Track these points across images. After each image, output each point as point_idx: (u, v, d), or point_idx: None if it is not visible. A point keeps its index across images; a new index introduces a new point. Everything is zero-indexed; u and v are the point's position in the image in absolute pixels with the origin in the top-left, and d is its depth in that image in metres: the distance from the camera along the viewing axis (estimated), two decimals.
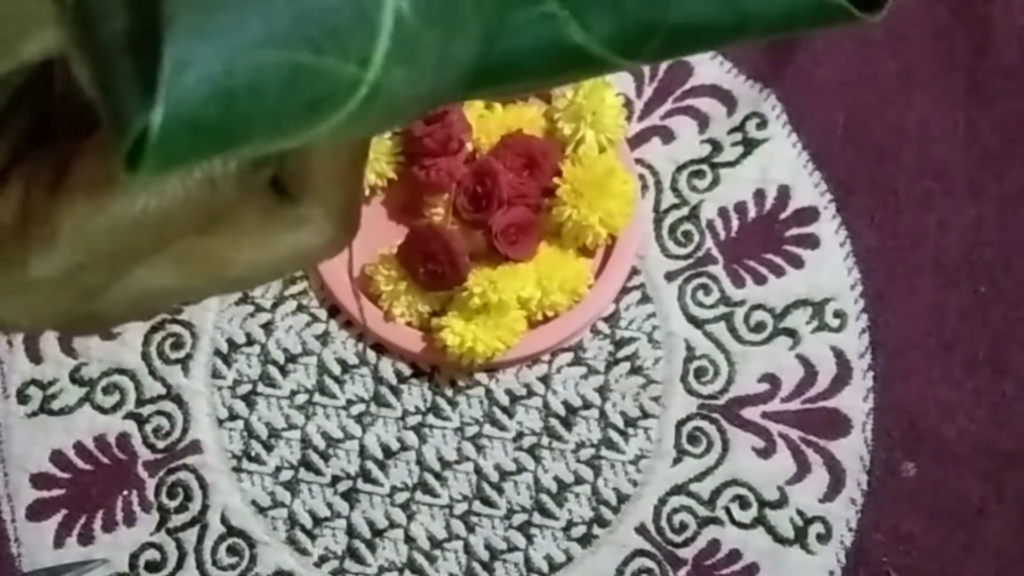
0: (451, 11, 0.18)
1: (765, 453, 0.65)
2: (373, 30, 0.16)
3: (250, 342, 0.69)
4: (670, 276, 0.69)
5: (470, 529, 0.65)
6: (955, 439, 0.65)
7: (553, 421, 0.66)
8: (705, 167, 0.70)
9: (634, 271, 0.68)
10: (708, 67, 0.72)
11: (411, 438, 0.67)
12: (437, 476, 0.66)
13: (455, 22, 0.18)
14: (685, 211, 0.70)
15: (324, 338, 0.69)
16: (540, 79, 0.21)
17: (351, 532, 0.65)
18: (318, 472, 0.66)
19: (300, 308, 0.69)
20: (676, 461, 0.66)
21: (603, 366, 0.67)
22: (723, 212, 0.70)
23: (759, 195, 0.70)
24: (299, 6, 0.16)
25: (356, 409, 0.67)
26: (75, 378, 0.68)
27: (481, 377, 0.67)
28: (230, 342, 0.69)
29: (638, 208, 0.68)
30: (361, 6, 0.16)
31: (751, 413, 0.66)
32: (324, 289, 0.68)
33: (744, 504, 0.65)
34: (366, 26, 0.16)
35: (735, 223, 0.69)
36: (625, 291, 0.68)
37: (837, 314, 0.67)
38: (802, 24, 0.21)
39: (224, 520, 0.66)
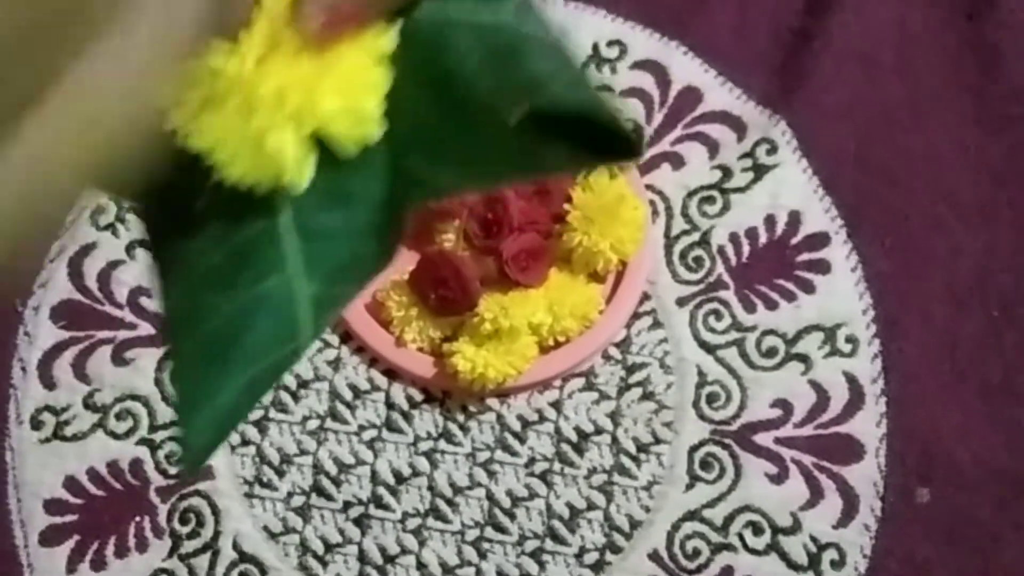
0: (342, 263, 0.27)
1: (778, 479, 0.65)
2: (298, 330, 0.26)
3: None
4: (681, 302, 0.69)
5: (482, 555, 0.65)
6: (969, 465, 0.64)
7: (565, 447, 0.66)
8: (715, 193, 0.70)
9: (645, 297, 0.68)
10: (718, 93, 0.72)
11: (423, 464, 0.67)
12: (449, 502, 0.66)
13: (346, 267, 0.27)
14: (696, 237, 0.70)
15: (336, 364, 0.69)
16: None
17: (363, 558, 0.65)
18: (330, 498, 0.66)
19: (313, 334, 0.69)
20: (689, 487, 0.65)
21: (615, 392, 0.67)
22: (734, 238, 0.70)
23: (770, 220, 0.70)
24: (253, 367, 0.26)
25: (368, 435, 0.67)
26: (88, 404, 0.69)
27: (492, 403, 0.67)
28: None
29: (649, 234, 0.68)
30: (289, 323, 0.26)
31: (763, 439, 0.66)
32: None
33: (757, 530, 0.64)
34: (293, 329, 0.26)
35: (746, 249, 0.69)
36: (636, 317, 0.68)
37: (849, 339, 0.67)
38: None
39: (236, 546, 0.66)
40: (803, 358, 0.67)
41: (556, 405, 0.67)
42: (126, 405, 0.69)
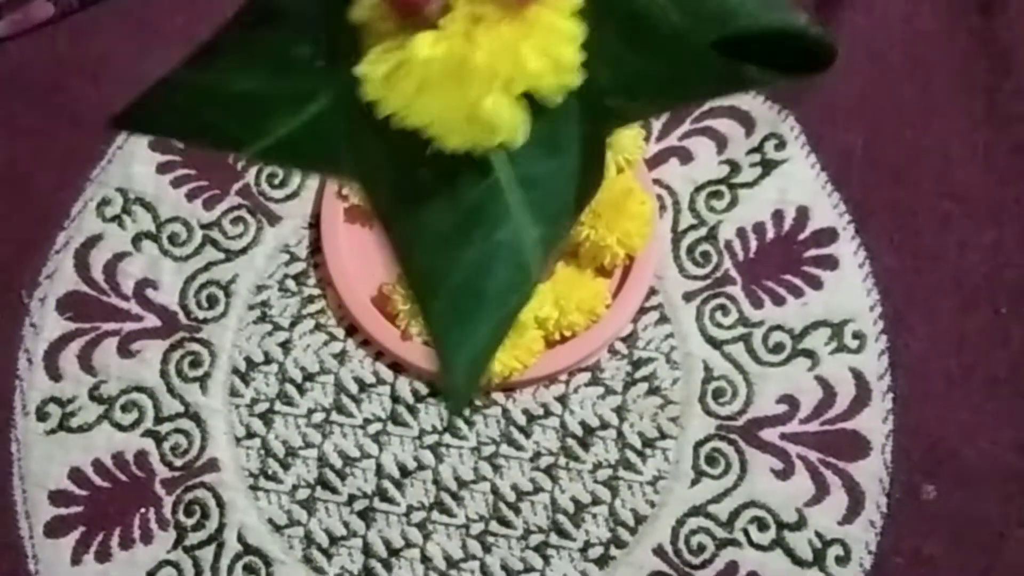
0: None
1: (784, 475, 0.65)
2: (530, 270, 0.30)
3: (268, 361, 0.69)
4: (688, 296, 0.68)
5: (487, 549, 0.65)
6: (975, 461, 0.64)
7: (570, 441, 0.66)
8: (723, 188, 0.70)
9: (652, 291, 0.68)
10: None
11: (428, 457, 0.67)
12: (454, 496, 0.66)
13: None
14: (703, 231, 0.70)
15: (341, 357, 0.69)
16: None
17: (367, 551, 0.65)
18: (335, 491, 0.66)
19: (318, 327, 0.69)
20: (694, 482, 0.65)
21: (621, 386, 0.67)
22: (741, 233, 0.69)
23: (777, 216, 0.70)
24: (499, 311, 0.30)
25: (373, 428, 0.67)
26: (94, 396, 0.69)
27: (498, 397, 0.67)
28: (248, 360, 0.69)
29: (656, 228, 0.68)
30: (523, 267, 0.29)
31: (769, 434, 0.66)
32: (342, 308, 0.68)
33: (762, 526, 0.64)
34: (527, 272, 0.30)
35: (753, 244, 0.69)
36: (643, 311, 0.68)
37: (856, 335, 0.67)
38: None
39: (241, 538, 0.66)
40: (810, 354, 0.67)
41: (562, 399, 0.67)
42: (131, 397, 0.69)
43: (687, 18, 0.27)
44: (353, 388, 0.68)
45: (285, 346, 0.69)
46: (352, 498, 0.66)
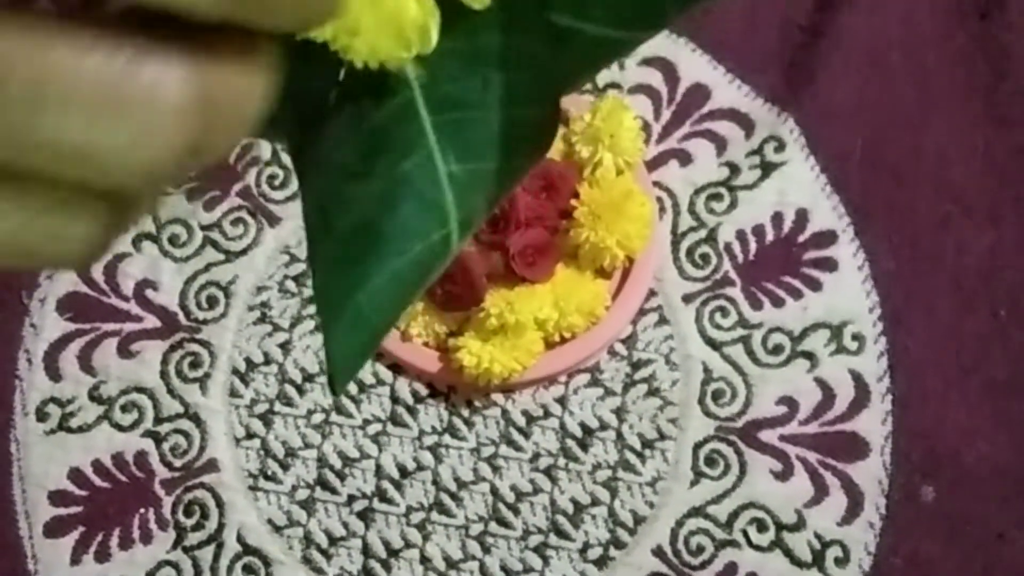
0: (480, 141, 0.24)
1: (783, 476, 0.65)
2: (444, 212, 0.23)
3: (268, 361, 0.69)
4: (688, 298, 0.69)
5: (486, 550, 0.65)
6: (974, 463, 0.64)
7: (570, 442, 0.66)
8: (723, 190, 0.70)
9: (651, 293, 0.68)
10: (726, 90, 0.72)
11: (427, 458, 0.67)
12: (453, 496, 0.66)
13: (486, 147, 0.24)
14: (703, 233, 0.70)
15: None
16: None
17: (367, 552, 0.65)
18: (334, 491, 0.66)
19: (318, 328, 0.69)
20: (693, 483, 0.65)
21: (620, 387, 0.67)
22: (741, 235, 0.70)
23: (777, 218, 0.70)
24: (398, 247, 0.23)
25: (372, 429, 0.67)
26: (93, 396, 0.69)
27: (498, 398, 0.67)
28: (248, 361, 0.69)
29: (656, 230, 0.68)
30: (435, 207, 0.23)
31: (769, 436, 0.66)
32: None
33: (761, 527, 0.64)
34: (440, 215, 0.23)
35: (753, 246, 0.69)
36: (642, 313, 0.68)
37: (855, 337, 0.67)
38: None
39: (240, 539, 0.66)
40: (809, 355, 0.67)
41: (561, 401, 0.67)
42: (131, 397, 0.69)
43: None
44: (352, 389, 0.68)
45: (285, 347, 0.69)
46: (351, 499, 0.66)
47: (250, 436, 0.68)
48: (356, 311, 0.23)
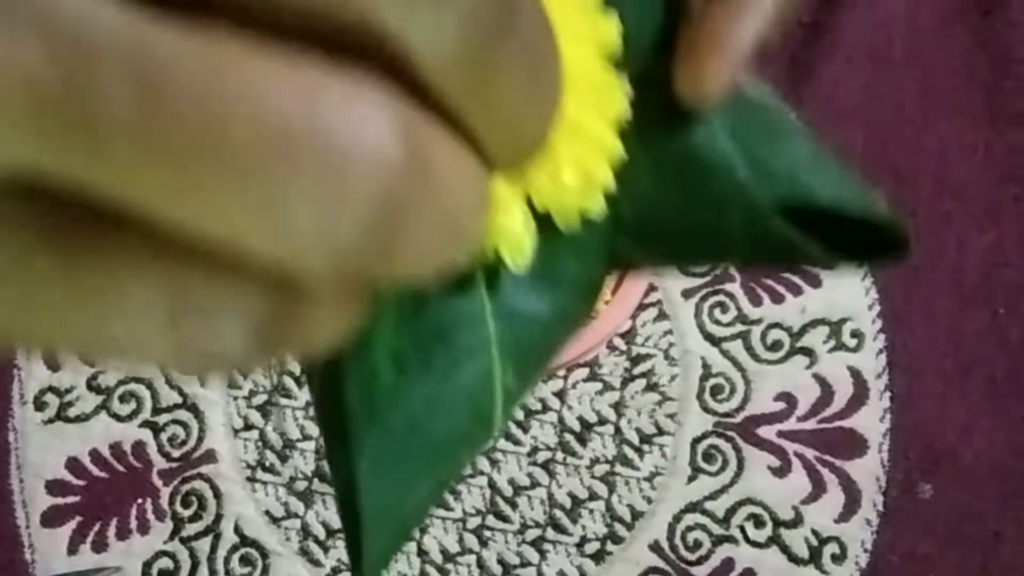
0: (537, 356, 0.23)
1: (780, 472, 0.65)
2: (491, 423, 0.22)
3: None
4: (687, 294, 0.69)
5: (483, 543, 0.65)
6: (972, 461, 0.65)
7: (568, 436, 0.66)
8: None
9: (651, 288, 0.68)
10: None
11: None
12: (451, 490, 0.66)
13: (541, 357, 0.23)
14: None
15: None
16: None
17: None
18: (331, 483, 0.66)
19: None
20: (691, 479, 0.65)
21: (619, 382, 0.67)
22: None
23: None
24: (448, 465, 0.22)
25: None
26: (92, 386, 0.69)
27: None
28: None
29: None
30: (485, 417, 0.22)
31: (767, 432, 0.66)
32: None
33: (759, 523, 0.64)
34: (488, 424, 0.22)
35: None
36: (642, 308, 0.68)
37: (854, 334, 0.67)
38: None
39: (238, 530, 0.66)
40: (808, 352, 0.67)
41: (560, 395, 0.67)
42: (130, 387, 0.69)
43: (754, 174, 0.22)
44: None
45: None
46: None
47: (248, 427, 0.67)
48: (400, 514, 0.22)
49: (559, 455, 0.66)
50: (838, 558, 0.63)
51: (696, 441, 0.66)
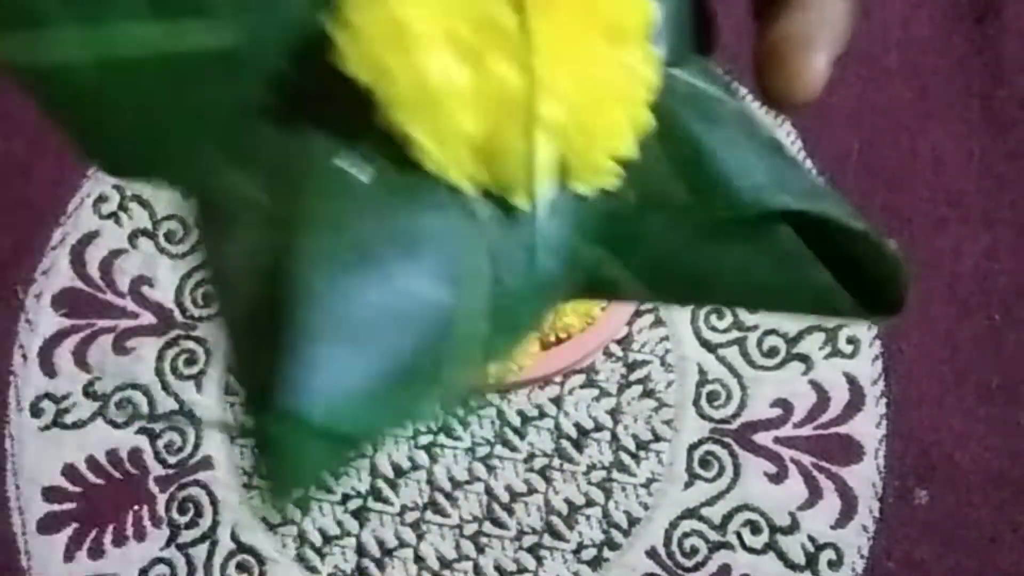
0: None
1: (777, 478, 0.65)
2: (450, 360, 0.20)
3: None
4: None
5: (480, 550, 0.65)
6: (968, 467, 0.65)
7: (565, 443, 0.66)
8: None
9: None
10: None
11: (422, 457, 0.67)
12: (448, 496, 0.66)
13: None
14: None
15: None
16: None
17: (361, 551, 0.65)
18: (328, 490, 0.66)
19: None
20: (688, 485, 0.65)
21: (615, 388, 0.67)
22: None
23: None
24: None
25: None
26: (88, 392, 0.69)
27: (493, 398, 0.67)
28: None
29: None
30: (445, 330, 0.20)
31: (763, 438, 0.66)
32: None
33: (755, 529, 0.64)
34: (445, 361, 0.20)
35: None
36: (638, 314, 0.68)
37: (850, 340, 0.67)
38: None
39: (234, 536, 0.66)
40: (804, 358, 0.67)
41: (556, 401, 0.67)
42: (126, 394, 0.69)
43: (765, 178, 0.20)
44: None
45: None
46: (346, 497, 0.66)
47: (244, 434, 0.67)
48: (326, 397, 0.19)
49: (556, 461, 0.66)
50: (834, 564, 0.64)
51: (692, 447, 0.66)
